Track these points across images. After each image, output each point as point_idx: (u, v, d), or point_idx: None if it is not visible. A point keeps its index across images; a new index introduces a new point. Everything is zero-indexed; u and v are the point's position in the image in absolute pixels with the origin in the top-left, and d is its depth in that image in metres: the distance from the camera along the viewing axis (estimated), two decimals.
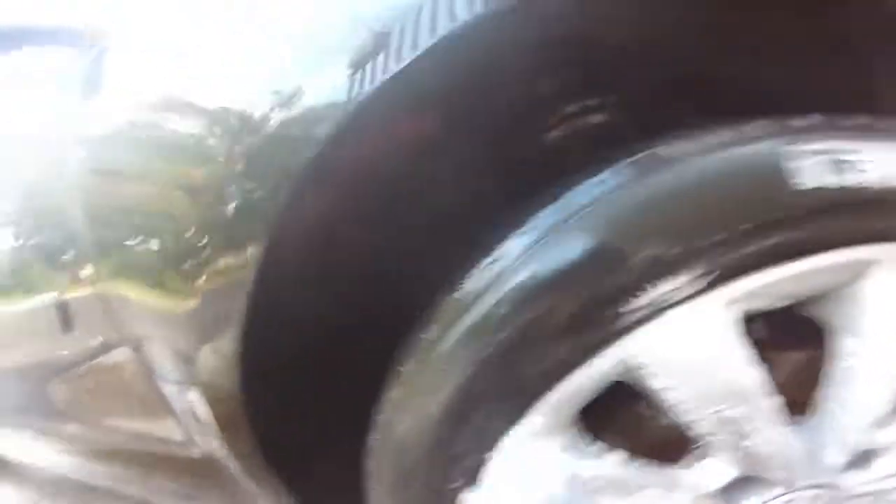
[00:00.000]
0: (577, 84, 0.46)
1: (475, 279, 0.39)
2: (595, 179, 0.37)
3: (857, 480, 0.51)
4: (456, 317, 0.40)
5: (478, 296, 0.39)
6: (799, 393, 0.45)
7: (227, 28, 0.50)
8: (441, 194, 0.49)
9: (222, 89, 0.47)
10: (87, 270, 0.57)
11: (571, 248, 0.36)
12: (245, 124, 0.43)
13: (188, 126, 0.50)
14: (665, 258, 0.34)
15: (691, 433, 0.43)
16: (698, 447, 0.46)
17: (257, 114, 0.42)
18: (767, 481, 0.51)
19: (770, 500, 0.51)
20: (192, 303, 0.48)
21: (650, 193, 0.36)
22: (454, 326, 0.39)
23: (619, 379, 0.40)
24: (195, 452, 0.66)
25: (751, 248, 0.35)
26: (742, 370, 0.39)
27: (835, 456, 0.47)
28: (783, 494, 0.51)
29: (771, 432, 0.43)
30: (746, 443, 0.43)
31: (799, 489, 0.52)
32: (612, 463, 0.45)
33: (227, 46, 0.49)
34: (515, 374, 0.38)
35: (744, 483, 0.50)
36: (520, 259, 0.37)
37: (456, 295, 0.40)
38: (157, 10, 0.56)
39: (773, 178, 0.35)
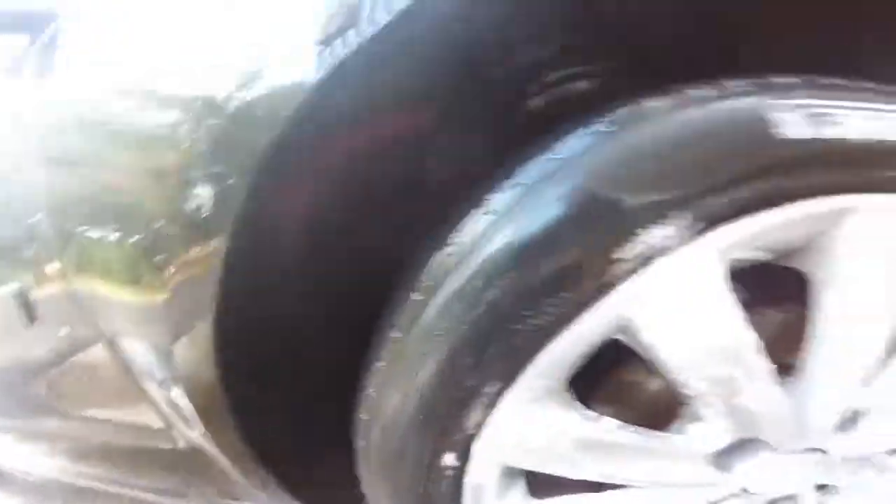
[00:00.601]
0: (558, 51, 0.44)
1: (459, 240, 0.37)
2: (580, 132, 0.35)
3: (846, 444, 0.50)
4: (442, 279, 0.37)
5: (464, 256, 0.36)
6: (788, 353, 0.43)
7: (188, 5, 0.45)
8: (417, 171, 0.46)
9: (183, 70, 0.43)
10: (53, 265, 0.52)
11: (558, 200, 0.34)
12: (208, 107, 0.39)
13: (150, 111, 0.46)
14: (655, 206, 0.33)
15: (683, 394, 0.40)
16: (690, 411, 0.44)
17: (221, 95, 0.38)
18: (759, 444, 0.49)
19: (762, 463, 0.51)
20: (164, 295, 0.43)
21: (640, 143, 0.34)
22: (441, 289, 0.37)
23: (614, 337, 0.38)
24: (181, 445, 0.62)
25: (737, 195, 0.33)
26: (732, 324, 0.37)
27: (822, 417, 0.46)
28: (775, 457, 0.50)
29: (760, 391, 0.41)
30: (736, 402, 0.41)
31: (790, 452, 0.50)
32: (607, 427, 0.43)
33: (187, 25, 0.44)
34: (507, 334, 0.35)
35: (737, 447, 0.48)
36: (506, 215, 0.35)
37: (440, 258, 0.38)
38: None
39: (757, 128, 0.34)
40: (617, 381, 0.47)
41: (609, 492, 0.52)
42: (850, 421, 0.48)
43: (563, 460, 0.44)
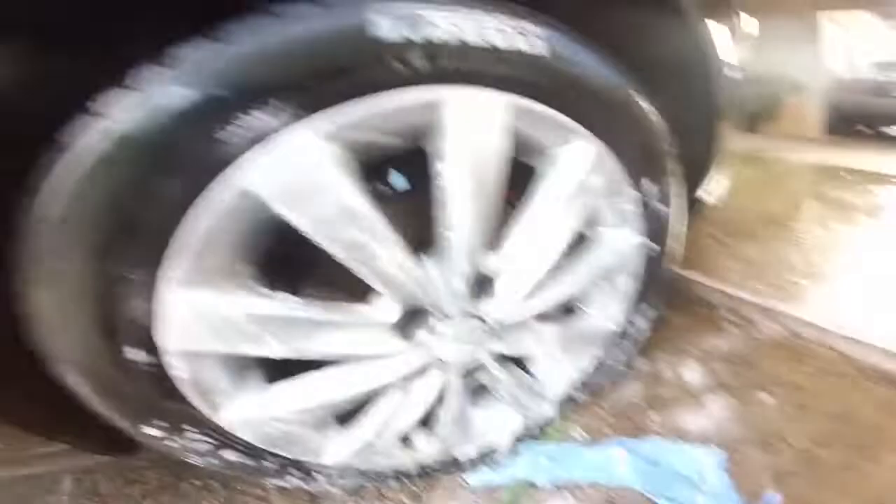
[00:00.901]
0: None
1: (83, 137, 0.38)
2: (207, 36, 0.39)
3: (492, 307, 0.61)
4: (68, 179, 0.38)
5: (86, 153, 0.37)
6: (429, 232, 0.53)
7: None
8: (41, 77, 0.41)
9: None
10: None
11: (170, 99, 0.37)
12: None
13: None
14: (255, 96, 0.39)
15: (336, 259, 0.47)
16: (363, 283, 0.50)
17: None
18: (426, 312, 0.58)
19: (432, 329, 0.59)
20: None
21: (256, 44, 0.39)
22: (66, 188, 0.38)
23: (255, 213, 0.43)
24: None
25: (332, 87, 0.41)
26: (350, 199, 0.44)
27: (461, 282, 0.56)
28: (442, 325, 0.59)
29: (397, 259, 0.49)
30: (377, 268, 0.49)
31: (451, 318, 0.59)
32: (290, 303, 0.48)
33: None
34: (137, 216, 0.38)
35: (412, 317, 0.58)
36: (130, 111, 0.37)
37: (65, 159, 0.38)
38: None
39: (352, 30, 0.41)
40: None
41: (328, 368, 0.57)
42: (487, 285, 0.59)
43: (253, 340, 0.48)
